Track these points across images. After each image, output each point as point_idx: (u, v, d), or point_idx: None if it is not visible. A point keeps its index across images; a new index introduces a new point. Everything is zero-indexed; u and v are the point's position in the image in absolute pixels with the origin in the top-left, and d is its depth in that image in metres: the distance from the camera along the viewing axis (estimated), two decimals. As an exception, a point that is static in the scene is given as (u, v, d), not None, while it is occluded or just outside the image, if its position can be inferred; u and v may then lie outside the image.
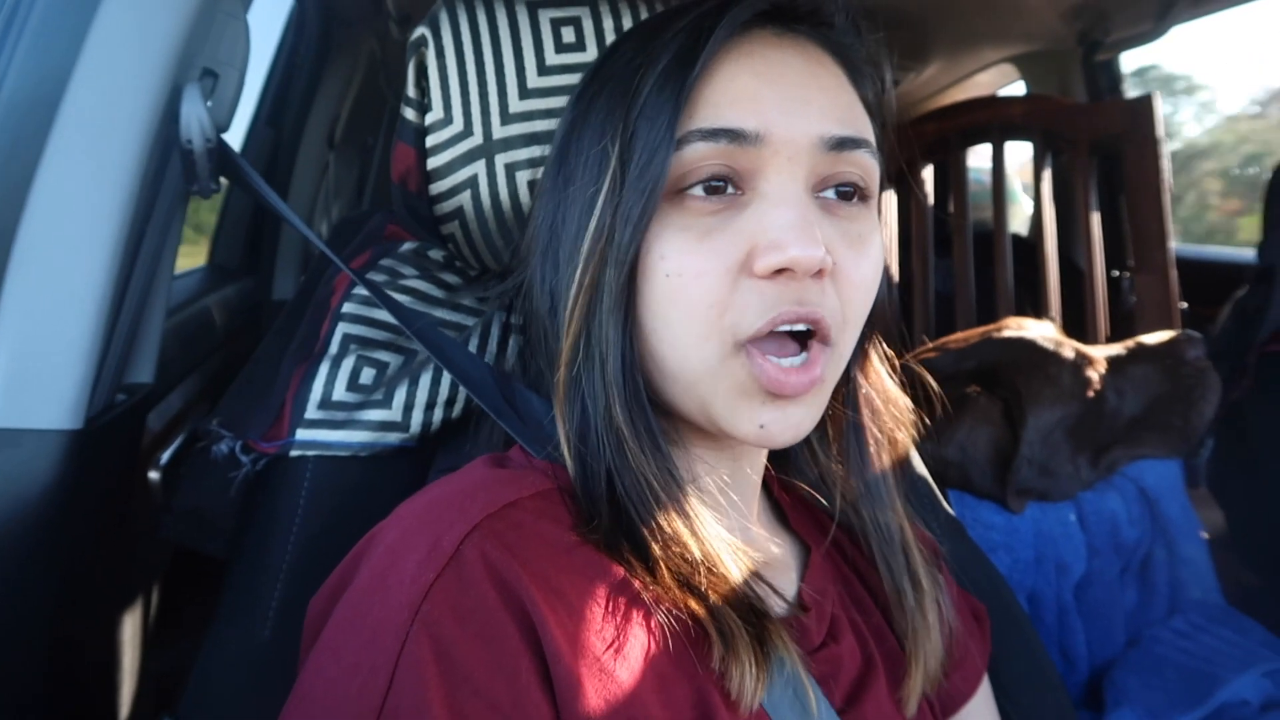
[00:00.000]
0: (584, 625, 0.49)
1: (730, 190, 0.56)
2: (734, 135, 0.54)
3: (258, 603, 0.71)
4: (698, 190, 0.55)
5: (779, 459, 0.73)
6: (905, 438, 0.72)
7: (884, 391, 0.70)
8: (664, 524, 0.55)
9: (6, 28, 0.62)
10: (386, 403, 0.75)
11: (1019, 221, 2.50)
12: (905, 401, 0.72)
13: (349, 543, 0.68)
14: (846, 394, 0.68)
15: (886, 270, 0.65)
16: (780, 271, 0.53)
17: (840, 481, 0.70)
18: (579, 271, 0.57)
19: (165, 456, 1.09)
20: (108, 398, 0.71)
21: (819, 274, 0.54)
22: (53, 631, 0.68)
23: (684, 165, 0.55)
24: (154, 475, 1.01)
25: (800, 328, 0.55)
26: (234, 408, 0.81)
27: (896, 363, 0.72)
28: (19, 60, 0.62)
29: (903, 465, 0.74)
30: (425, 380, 0.76)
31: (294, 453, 0.74)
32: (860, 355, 0.67)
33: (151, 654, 1.00)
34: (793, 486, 0.73)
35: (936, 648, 0.67)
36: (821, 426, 0.68)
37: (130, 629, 0.89)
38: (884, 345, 0.71)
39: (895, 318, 0.71)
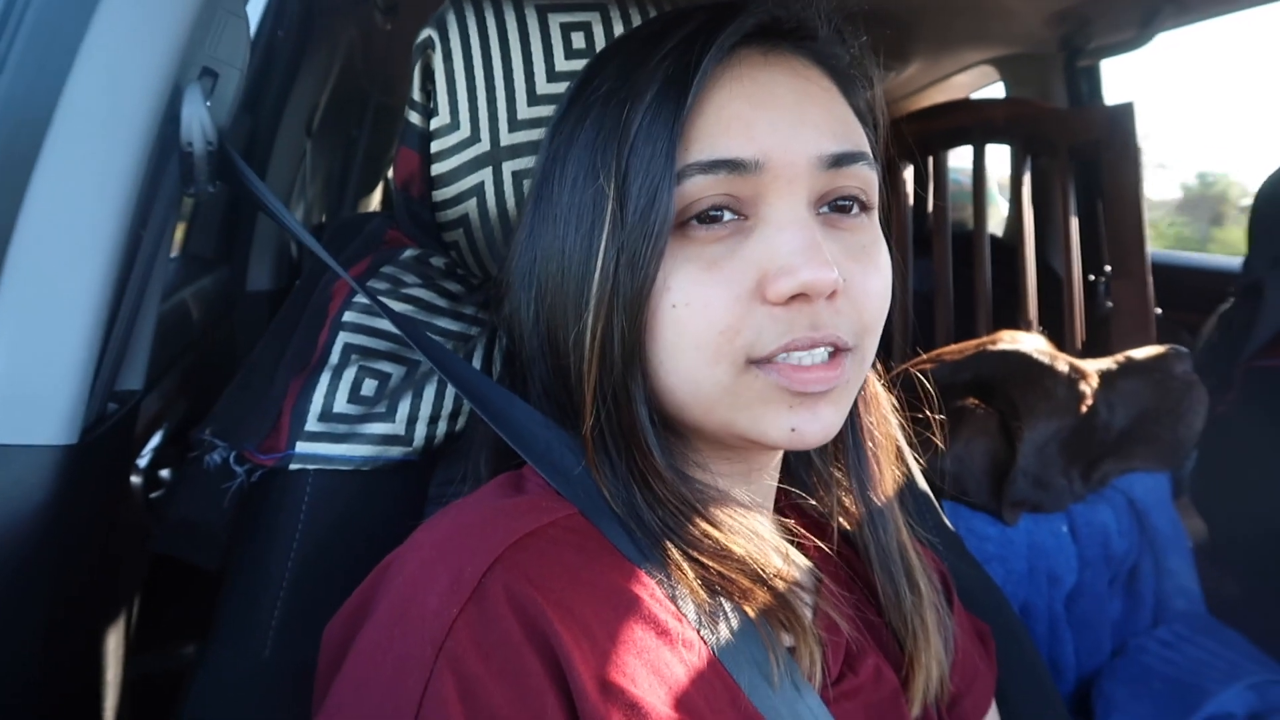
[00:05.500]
0: (609, 659, 0.48)
1: (732, 217, 0.55)
2: (733, 165, 0.54)
3: (257, 621, 0.69)
4: (699, 221, 0.55)
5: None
6: (904, 444, 0.72)
7: (875, 395, 0.71)
8: (699, 538, 0.55)
9: (1, 25, 0.59)
10: (389, 416, 0.73)
11: (994, 223, 2.52)
12: (890, 402, 0.72)
13: (350, 557, 0.67)
14: None
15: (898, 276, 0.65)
16: (795, 297, 0.53)
17: (838, 487, 0.69)
18: (590, 319, 0.55)
19: (145, 459, 1.06)
20: (100, 408, 0.69)
21: (832, 295, 0.54)
22: (43, 651, 0.66)
23: (685, 199, 0.54)
24: (136, 480, 0.98)
25: (818, 351, 0.54)
26: (227, 416, 0.79)
27: (888, 369, 0.72)
28: (14, 58, 0.60)
29: (904, 475, 0.74)
30: (429, 393, 0.75)
31: (293, 466, 0.72)
32: None
33: (130, 662, 0.97)
34: (793, 503, 0.72)
35: (938, 652, 0.67)
36: None
37: (114, 640, 0.86)
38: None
39: (907, 323, 0.70)
